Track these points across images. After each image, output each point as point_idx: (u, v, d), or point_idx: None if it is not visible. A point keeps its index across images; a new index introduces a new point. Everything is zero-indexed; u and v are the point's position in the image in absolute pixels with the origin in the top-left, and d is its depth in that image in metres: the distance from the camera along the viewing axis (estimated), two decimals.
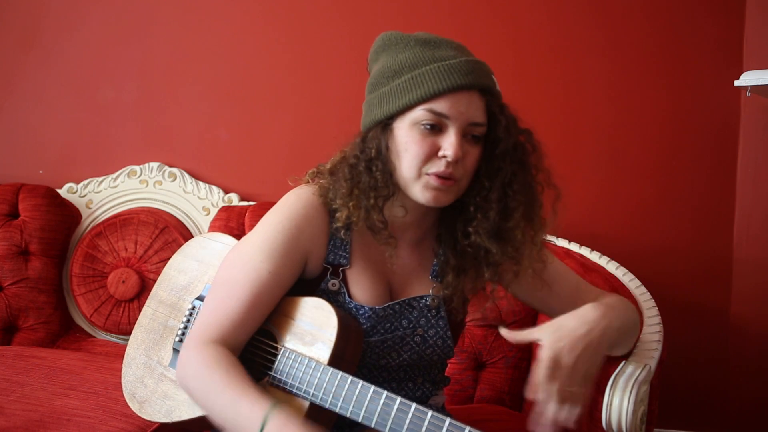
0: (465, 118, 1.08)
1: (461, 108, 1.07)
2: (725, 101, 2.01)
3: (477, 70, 1.09)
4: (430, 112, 1.07)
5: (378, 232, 1.14)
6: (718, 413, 2.08)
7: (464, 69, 1.08)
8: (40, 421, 1.39)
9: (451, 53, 1.11)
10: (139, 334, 1.34)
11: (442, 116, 1.07)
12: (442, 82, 1.07)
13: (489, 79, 1.11)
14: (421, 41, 1.12)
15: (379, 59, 1.16)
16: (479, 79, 1.09)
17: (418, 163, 1.09)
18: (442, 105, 1.07)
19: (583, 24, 2.05)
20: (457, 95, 1.07)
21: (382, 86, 1.12)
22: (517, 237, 1.13)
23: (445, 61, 1.08)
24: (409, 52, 1.11)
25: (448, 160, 1.07)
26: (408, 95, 1.08)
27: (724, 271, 2.05)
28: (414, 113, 1.09)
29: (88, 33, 2.17)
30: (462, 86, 1.07)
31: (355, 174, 1.13)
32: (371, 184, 1.12)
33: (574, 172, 2.06)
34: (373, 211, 1.12)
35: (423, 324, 1.20)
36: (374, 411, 1.01)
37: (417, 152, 1.09)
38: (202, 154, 2.17)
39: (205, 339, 1.10)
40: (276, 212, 1.17)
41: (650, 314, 1.40)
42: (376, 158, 1.12)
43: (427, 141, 1.08)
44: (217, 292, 1.13)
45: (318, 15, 2.12)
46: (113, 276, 2.01)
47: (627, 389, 1.12)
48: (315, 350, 1.09)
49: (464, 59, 1.09)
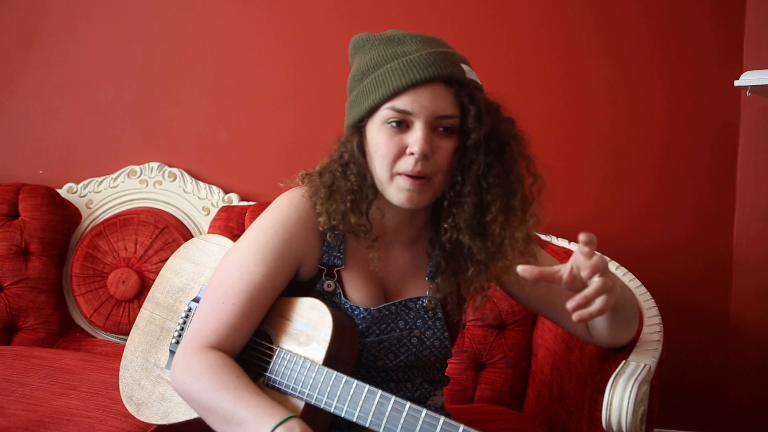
0: (430, 112, 1.06)
1: (424, 102, 1.06)
2: (725, 101, 2.01)
3: (439, 61, 1.07)
4: (393, 110, 1.07)
5: (359, 235, 1.14)
6: (718, 413, 2.08)
7: (424, 62, 1.06)
8: (40, 421, 1.39)
9: (413, 47, 1.09)
10: (136, 336, 1.34)
11: (406, 113, 1.06)
12: (401, 78, 1.06)
13: (455, 68, 1.08)
14: (385, 39, 1.11)
15: (353, 63, 1.16)
16: (442, 71, 1.06)
17: (388, 163, 1.08)
18: (404, 101, 1.06)
19: (582, 24, 2.04)
20: (419, 89, 1.06)
21: (354, 89, 1.13)
22: (495, 231, 1.10)
23: (406, 56, 1.07)
24: (374, 52, 1.11)
25: (415, 157, 1.06)
26: (372, 96, 1.08)
27: (724, 270, 2.05)
28: (380, 113, 1.08)
29: (88, 33, 2.17)
30: (421, 80, 1.05)
31: (332, 178, 1.13)
32: (347, 188, 1.11)
33: (574, 172, 2.06)
34: (351, 214, 1.11)
35: (420, 325, 1.20)
36: (369, 410, 1.01)
37: (385, 152, 1.08)
38: (202, 154, 2.17)
39: (202, 345, 1.10)
40: (267, 216, 1.17)
41: (650, 314, 1.40)
42: (350, 161, 1.12)
43: (395, 139, 1.08)
44: (211, 297, 1.13)
45: (318, 15, 2.12)
46: (113, 276, 2.01)
47: (627, 389, 1.12)
48: (310, 350, 1.09)
49: (425, 52, 1.07)
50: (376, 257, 1.15)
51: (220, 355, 1.08)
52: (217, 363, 1.07)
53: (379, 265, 1.18)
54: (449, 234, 1.12)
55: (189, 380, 1.07)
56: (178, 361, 1.11)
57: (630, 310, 1.19)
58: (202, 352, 1.09)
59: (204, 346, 1.10)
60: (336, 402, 1.04)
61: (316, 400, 1.05)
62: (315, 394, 1.05)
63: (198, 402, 1.07)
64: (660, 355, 1.25)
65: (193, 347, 1.10)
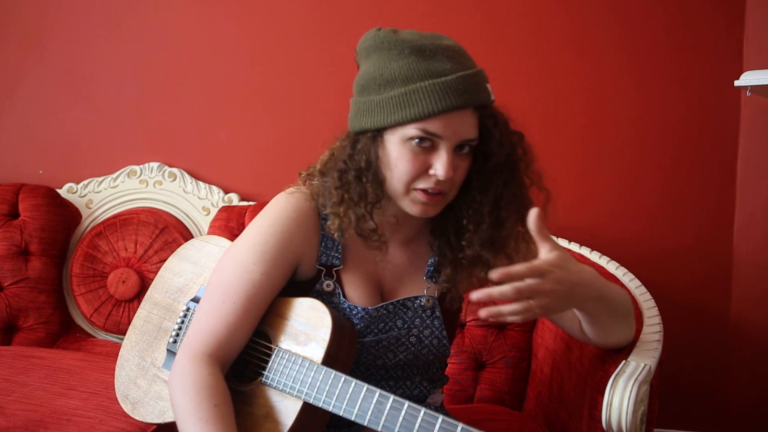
0: (458, 137, 1.07)
1: (454, 128, 1.06)
2: (725, 101, 2.01)
3: (472, 86, 1.06)
4: (422, 131, 1.05)
5: (368, 238, 1.14)
6: (718, 413, 2.08)
7: (459, 87, 1.05)
8: (40, 421, 1.39)
9: (446, 66, 1.06)
10: (132, 335, 1.35)
11: (435, 136, 1.06)
12: (436, 103, 1.04)
13: (484, 92, 1.09)
14: (416, 50, 1.07)
15: (369, 59, 1.12)
16: (474, 97, 1.06)
17: (408, 179, 1.08)
18: (436, 125, 1.05)
19: (583, 24, 2.04)
20: (451, 115, 1.05)
21: (373, 93, 1.09)
22: (510, 245, 1.15)
23: (440, 77, 1.05)
24: (403, 61, 1.07)
25: (438, 179, 1.07)
26: (401, 112, 1.06)
27: (724, 271, 2.05)
28: (406, 129, 1.06)
29: (89, 33, 2.17)
30: (456, 107, 1.05)
31: (345, 182, 1.11)
32: (361, 194, 1.11)
33: (573, 173, 2.06)
34: (362, 220, 1.11)
35: (418, 324, 1.20)
36: (367, 409, 1.01)
37: (407, 169, 1.07)
38: (202, 154, 2.17)
39: (203, 350, 1.11)
40: (266, 215, 1.17)
41: (650, 314, 1.39)
42: (367, 169, 1.10)
43: (419, 159, 1.07)
44: (211, 297, 1.14)
45: (318, 15, 2.11)
46: (113, 276, 2.01)
47: (627, 389, 1.12)
48: (308, 350, 1.09)
49: (459, 75, 1.06)
50: (385, 258, 1.17)
51: (211, 372, 1.09)
52: (204, 383, 1.07)
53: (383, 263, 1.18)
54: (467, 251, 1.14)
55: (176, 391, 1.09)
56: (178, 362, 1.12)
57: (619, 310, 1.16)
58: (198, 363, 1.09)
59: (203, 353, 1.11)
60: (334, 400, 1.04)
61: (314, 399, 1.06)
62: (313, 392, 1.06)
63: (175, 414, 1.09)
64: (660, 356, 1.25)
65: (193, 351, 1.11)
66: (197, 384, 1.07)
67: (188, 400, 1.06)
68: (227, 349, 1.12)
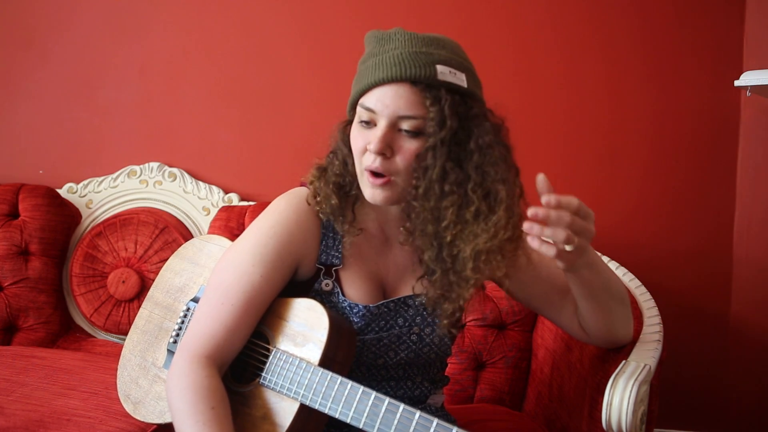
0: (391, 111, 1.06)
1: (386, 101, 1.06)
2: (725, 101, 2.01)
3: (407, 61, 1.06)
4: (362, 107, 1.09)
5: (337, 219, 1.16)
6: (718, 413, 2.08)
7: (391, 62, 1.06)
8: (40, 421, 1.39)
9: (393, 46, 1.08)
10: (134, 335, 1.35)
11: (370, 111, 1.08)
12: (369, 77, 1.07)
13: (424, 69, 1.05)
14: (378, 37, 1.12)
15: None
16: (406, 71, 1.05)
17: (357, 157, 1.11)
18: (370, 99, 1.08)
19: (582, 24, 2.04)
20: (383, 88, 1.06)
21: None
22: (446, 239, 1.08)
23: (381, 55, 1.08)
24: (366, 48, 1.13)
25: (372, 153, 1.07)
26: (352, 92, 1.12)
27: (724, 271, 2.05)
28: (357, 109, 1.11)
29: (89, 33, 2.17)
30: (384, 79, 1.06)
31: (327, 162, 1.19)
32: (333, 171, 1.16)
33: (573, 172, 2.06)
34: (334, 196, 1.14)
35: (419, 322, 1.20)
36: (363, 411, 1.02)
37: (354, 147, 1.11)
38: (202, 154, 2.17)
39: (200, 352, 1.11)
40: (266, 217, 1.17)
41: (650, 314, 1.39)
42: (337, 149, 1.17)
43: (362, 135, 1.09)
44: (210, 299, 1.14)
45: (318, 15, 2.11)
46: (113, 276, 2.01)
47: (627, 389, 1.12)
48: (306, 351, 1.09)
49: (398, 51, 1.06)
50: (351, 242, 1.16)
51: (209, 374, 1.09)
52: (202, 385, 1.07)
53: (381, 262, 1.18)
54: (403, 237, 1.13)
55: (174, 393, 1.09)
56: (175, 363, 1.12)
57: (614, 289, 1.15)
58: (196, 364, 1.10)
59: (201, 354, 1.11)
60: (330, 403, 1.04)
61: (310, 401, 1.06)
62: (310, 394, 1.06)
63: (172, 416, 1.09)
64: (660, 355, 1.25)
65: (191, 353, 1.11)
66: (194, 386, 1.07)
67: (185, 402, 1.07)
68: (225, 351, 1.12)
